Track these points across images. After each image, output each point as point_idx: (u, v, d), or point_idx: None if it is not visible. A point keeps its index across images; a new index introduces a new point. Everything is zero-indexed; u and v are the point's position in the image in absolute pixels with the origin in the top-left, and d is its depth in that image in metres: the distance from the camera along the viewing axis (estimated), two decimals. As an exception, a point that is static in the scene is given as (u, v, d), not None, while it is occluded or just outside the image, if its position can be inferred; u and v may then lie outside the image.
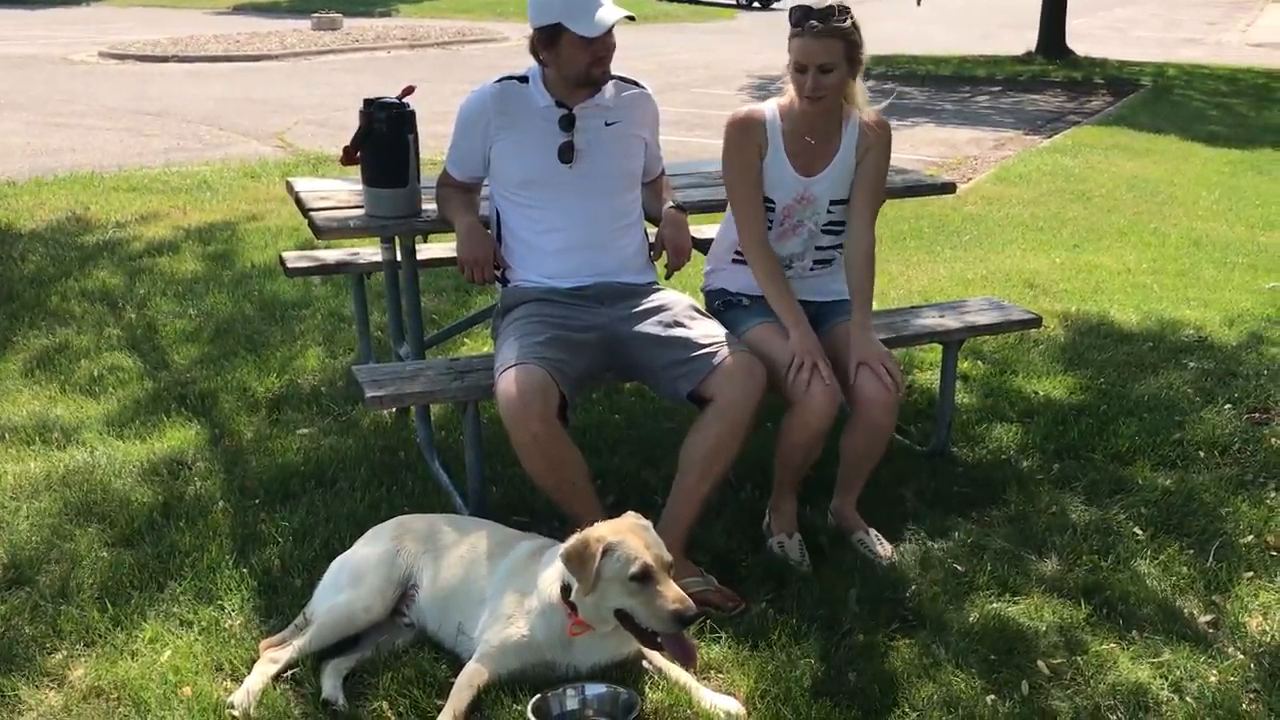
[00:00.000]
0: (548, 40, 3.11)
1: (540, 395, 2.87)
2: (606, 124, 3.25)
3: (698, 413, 3.05)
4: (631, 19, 3.08)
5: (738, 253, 3.38)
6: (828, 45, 3.03)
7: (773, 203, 3.27)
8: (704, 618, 2.79)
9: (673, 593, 2.46)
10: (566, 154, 3.19)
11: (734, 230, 3.35)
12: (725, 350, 3.02)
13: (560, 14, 3.04)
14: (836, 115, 3.24)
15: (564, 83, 3.18)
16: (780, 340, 3.16)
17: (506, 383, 2.90)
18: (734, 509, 3.42)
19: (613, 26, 3.07)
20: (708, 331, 3.11)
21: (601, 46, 3.09)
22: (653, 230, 3.45)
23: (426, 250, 4.34)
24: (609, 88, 3.27)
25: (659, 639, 2.50)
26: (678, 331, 3.11)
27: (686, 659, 2.51)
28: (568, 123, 3.20)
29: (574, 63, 3.11)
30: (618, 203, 3.31)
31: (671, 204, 3.43)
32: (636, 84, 3.38)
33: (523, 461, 2.97)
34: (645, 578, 2.46)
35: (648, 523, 2.62)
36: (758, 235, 3.26)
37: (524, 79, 3.26)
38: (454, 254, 4.41)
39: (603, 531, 2.53)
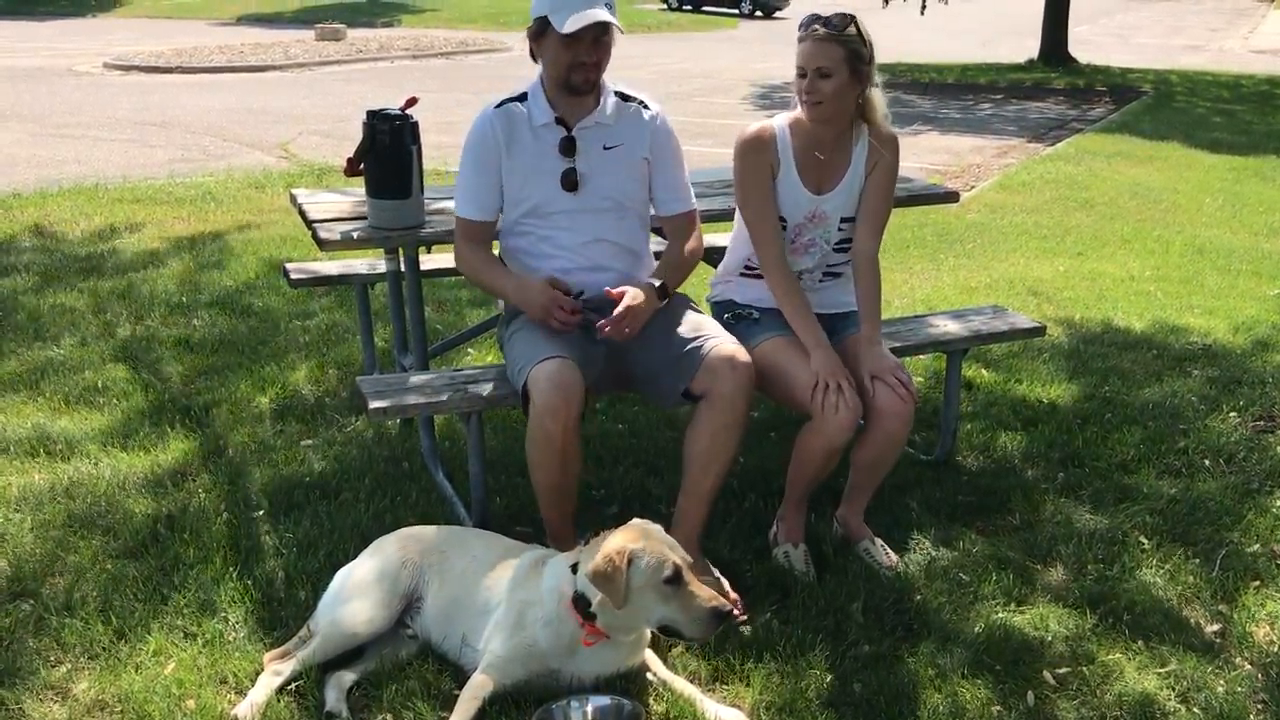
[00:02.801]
0: (538, 32, 3.04)
1: (577, 390, 2.87)
2: (605, 148, 3.15)
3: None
4: (617, 27, 2.99)
5: (748, 266, 3.38)
6: (828, 50, 3.04)
7: (784, 221, 3.26)
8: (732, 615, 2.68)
9: (705, 592, 2.48)
10: (570, 182, 3.12)
11: (745, 244, 3.34)
12: (709, 344, 3.01)
13: (548, 6, 2.98)
14: (846, 131, 3.23)
15: (554, 86, 3.10)
16: (792, 353, 3.16)
17: (547, 373, 2.86)
18: (738, 519, 3.42)
19: (600, 35, 2.99)
20: (693, 326, 3.09)
21: (584, 51, 3.00)
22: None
23: (430, 261, 4.34)
24: (609, 104, 3.17)
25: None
26: (671, 332, 3.09)
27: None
28: (569, 147, 3.13)
29: (556, 62, 3.03)
30: (620, 228, 3.23)
31: (657, 282, 3.14)
32: (641, 102, 3.25)
33: (541, 456, 2.92)
34: (678, 579, 2.47)
35: (658, 525, 2.61)
36: (776, 254, 3.23)
37: (522, 98, 3.17)
38: (456, 264, 4.45)
39: (622, 542, 2.52)
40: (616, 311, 3.00)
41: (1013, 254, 7.02)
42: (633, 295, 3.03)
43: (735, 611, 2.93)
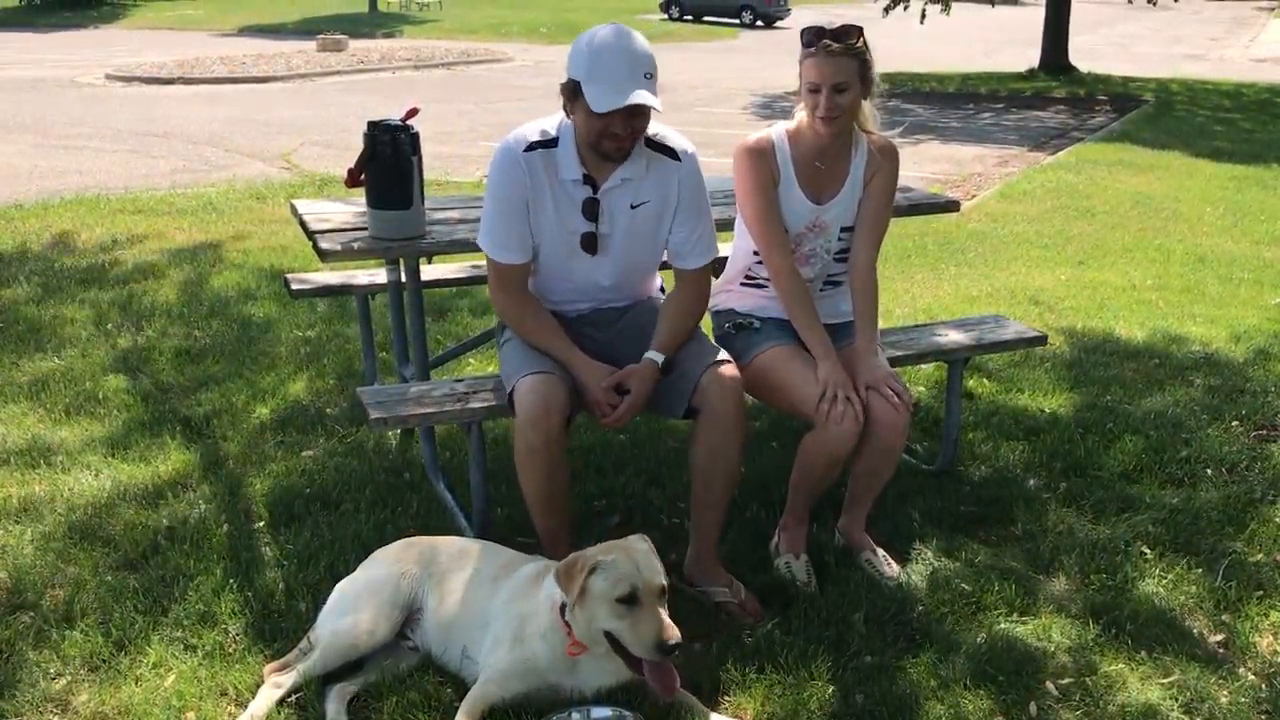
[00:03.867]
0: (571, 93, 2.87)
1: (560, 404, 2.88)
2: (632, 206, 3.04)
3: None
4: (655, 109, 2.81)
5: (748, 276, 3.38)
6: (842, 64, 3.04)
7: (785, 231, 3.27)
8: (679, 651, 2.53)
9: (658, 620, 2.45)
10: (590, 245, 3.05)
11: (746, 254, 3.35)
12: (701, 362, 3.02)
13: (583, 74, 2.82)
14: (846, 140, 3.24)
15: (585, 146, 2.95)
16: (794, 362, 3.16)
17: (530, 386, 2.88)
18: (739, 529, 3.41)
19: (635, 109, 2.80)
20: (688, 347, 3.09)
21: (618, 124, 2.83)
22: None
23: (430, 271, 4.35)
24: (641, 155, 3.02)
25: (642, 664, 2.48)
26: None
27: (664, 688, 2.49)
28: (591, 209, 3.02)
29: (585, 127, 2.88)
30: (631, 276, 3.22)
31: (660, 359, 3.04)
32: (673, 153, 3.07)
33: (526, 466, 2.93)
34: (632, 600, 2.45)
35: (649, 546, 2.60)
36: (786, 262, 3.23)
37: (553, 142, 3.00)
38: (458, 275, 4.46)
39: (597, 549, 2.53)
40: (618, 411, 2.97)
41: (1014, 263, 7.02)
42: (636, 389, 2.98)
43: (745, 621, 2.96)
